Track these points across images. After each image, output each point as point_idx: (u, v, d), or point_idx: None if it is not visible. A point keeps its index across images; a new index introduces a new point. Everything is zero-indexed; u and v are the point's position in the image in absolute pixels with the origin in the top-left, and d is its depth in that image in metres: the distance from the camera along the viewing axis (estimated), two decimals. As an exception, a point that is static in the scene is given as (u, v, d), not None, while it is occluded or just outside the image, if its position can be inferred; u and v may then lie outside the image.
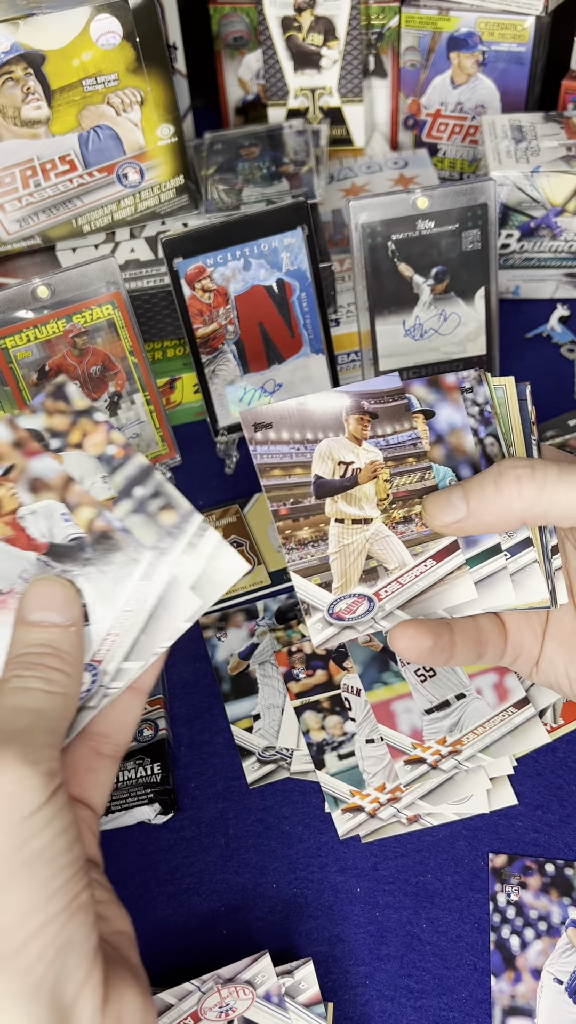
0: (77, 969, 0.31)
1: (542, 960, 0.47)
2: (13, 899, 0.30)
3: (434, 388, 0.45)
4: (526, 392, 0.47)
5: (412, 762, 0.53)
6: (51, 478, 0.38)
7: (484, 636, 0.46)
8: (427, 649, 0.44)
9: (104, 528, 0.37)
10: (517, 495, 0.40)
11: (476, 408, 0.46)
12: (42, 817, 0.31)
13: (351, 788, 0.53)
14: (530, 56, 0.80)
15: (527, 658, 0.47)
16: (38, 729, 0.33)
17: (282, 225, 0.62)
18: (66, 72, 0.66)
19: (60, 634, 0.36)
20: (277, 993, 0.46)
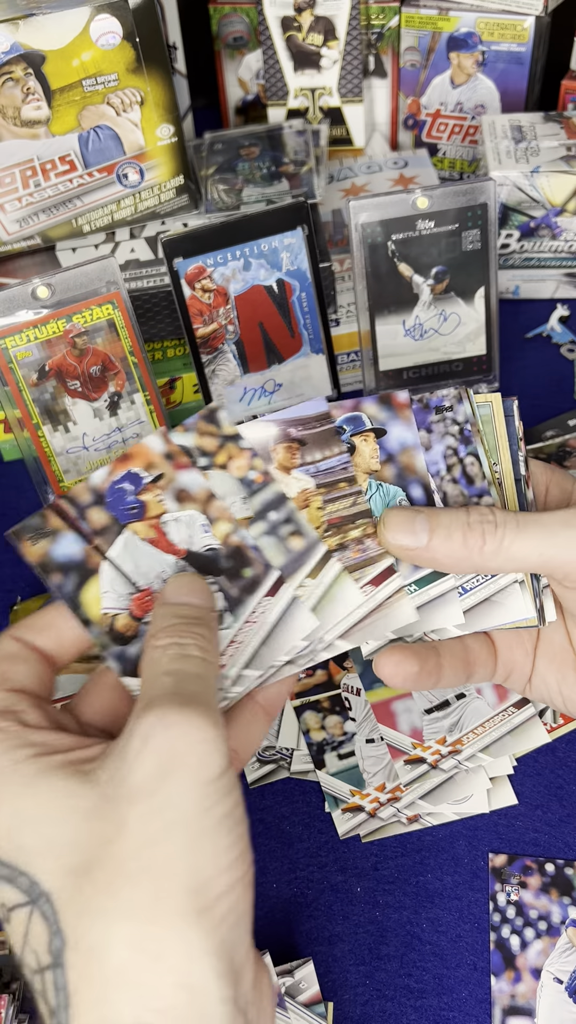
0: (244, 940, 0.32)
1: (542, 960, 0.48)
2: (204, 859, 0.31)
3: (385, 406, 0.45)
4: (513, 408, 0.46)
5: (412, 762, 0.53)
6: (195, 491, 0.41)
7: (472, 656, 0.46)
8: (413, 674, 0.44)
9: (238, 544, 0.40)
10: (479, 550, 0.41)
11: (456, 427, 0.45)
12: (225, 783, 0.32)
13: (351, 788, 0.53)
14: (530, 56, 0.80)
15: (519, 676, 0.48)
16: (209, 694, 0.34)
17: (282, 225, 0.62)
18: (66, 72, 0.66)
19: (205, 612, 0.38)
20: (277, 993, 0.46)
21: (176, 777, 0.31)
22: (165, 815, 0.31)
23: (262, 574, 0.40)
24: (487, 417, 0.46)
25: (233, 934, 0.31)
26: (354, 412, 0.44)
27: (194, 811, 0.31)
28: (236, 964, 0.31)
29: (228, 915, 0.31)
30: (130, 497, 0.40)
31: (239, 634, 0.40)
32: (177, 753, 0.32)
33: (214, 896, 0.31)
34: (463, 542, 0.41)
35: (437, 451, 0.45)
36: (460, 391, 0.45)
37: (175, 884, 0.30)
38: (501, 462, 0.46)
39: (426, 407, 0.46)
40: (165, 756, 0.32)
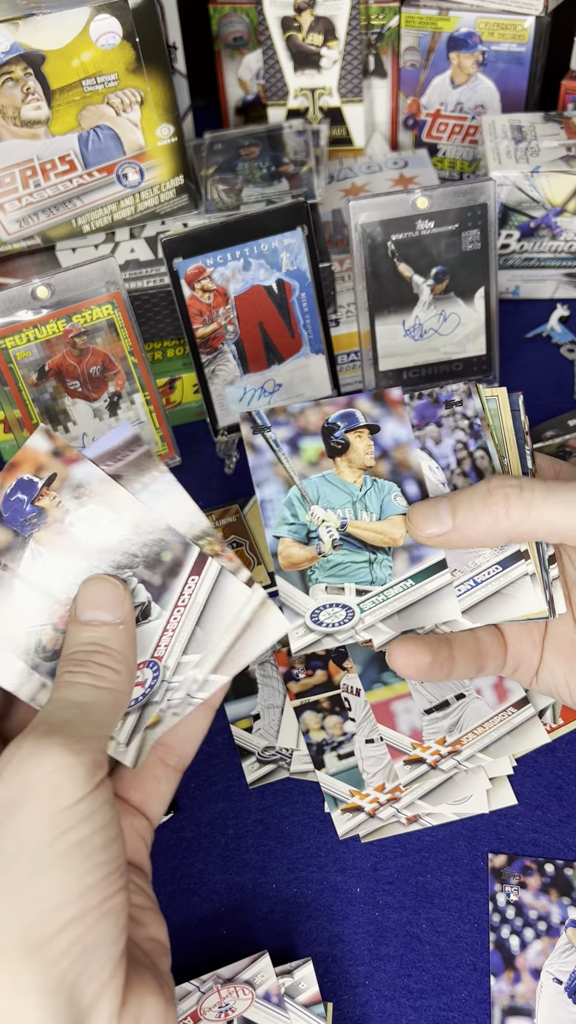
0: (100, 972, 0.31)
1: (542, 960, 0.47)
2: (45, 890, 0.30)
3: (379, 403, 0.45)
4: (519, 402, 0.47)
5: (412, 762, 0.53)
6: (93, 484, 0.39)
7: (484, 649, 0.46)
8: (426, 665, 0.44)
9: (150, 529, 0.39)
10: (504, 514, 0.40)
11: (466, 422, 0.46)
12: (82, 810, 0.31)
13: (351, 788, 0.53)
14: (530, 56, 0.80)
15: (527, 668, 0.47)
16: (83, 722, 0.34)
17: (282, 225, 0.62)
18: (66, 72, 0.66)
19: (109, 632, 0.37)
20: (276, 993, 0.46)
21: (24, 807, 0.31)
22: (7, 846, 0.30)
23: (182, 554, 0.39)
24: (494, 411, 0.46)
25: (79, 967, 0.30)
26: (348, 409, 0.44)
27: (39, 841, 0.30)
28: (83, 1000, 0.30)
29: (72, 947, 0.30)
30: (27, 507, 0.39)
31: (170, 622, 0.39)
32: (27, 783, 0.31)
33: (55, 929, 0.30)
34: (485, 509, 0.41)
35: (447, 445, 0.46)
36: (470, 386, 0.46)
37: (9, 919, 0.29)
38: (509, 456, 0.46)
39: (436, 402, 0.46)
40: (17, 786, 0.31)
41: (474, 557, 0.45)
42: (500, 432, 0.46)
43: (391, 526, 0.44)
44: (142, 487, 0.39)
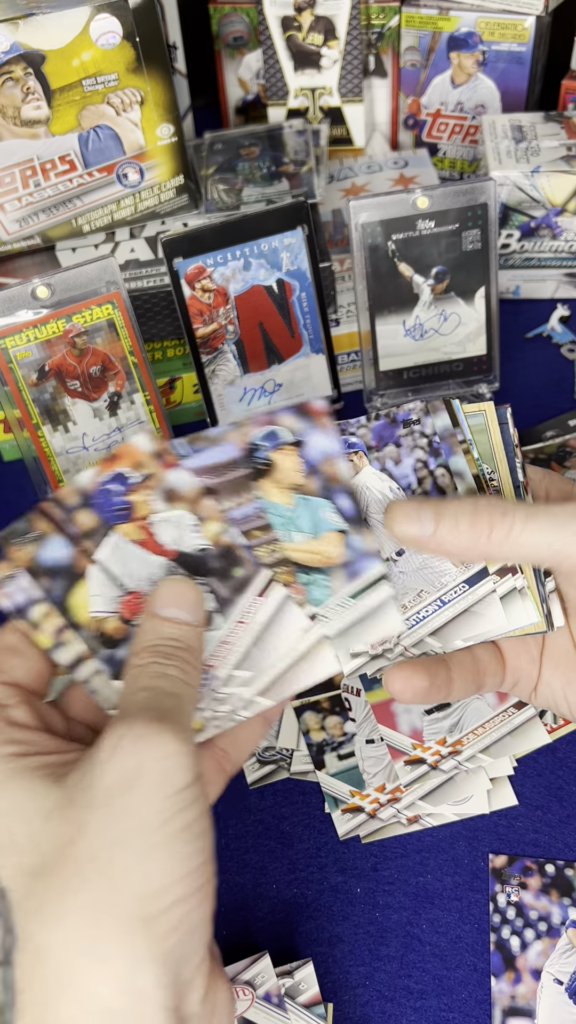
0: (195, 953, 0.32)
1: (542, 961, 0.47)
2: (156, 869, 0.31)
3: (303, 416, 0.42)
4: (507, 415, 0.46)
5: (412, 762, 0.53)
6: (185, 490, 0.40)
7: (482, 667, 0.46)
8: (423, 689, 0.44)
9: (228, 543, 0.40)
10: (486, 537, 0.40)
11: (424, 440, 0.45)
12: (187, 796, 0.32)
13: (351, 788, 0.53)
14: (530, 56, 0.80)
15: (526, 683, 0.48)
16: (181, 713, 0.35)
17: (282, 225, 0.62)
18: (66, 72, 0.66)
19: (190, 632, 0.38)
20: (277, 994, 0.46)
21: (138, 787, 0.32)
22: (123, 822, 0.31)
23: (252, 573, 0.40)
24: (481, 426, 0.46)
25: (183, 945, 0.31)
26: (270, 427, 0.42)
27: (153, 821, 0.32)
28: (183, 976, 0.31)
29: (179, 926, 0.31)
30: (117, 498, 0.40)
31: (230, 635, 0.40)
32: (142, 765, 0.32)
33: (165, 905, 0.31)
34: (470, 529, 0.40)
35: (407, 465, 0.45)
36: (426, 404, 0.45)
37: (126, 890, 0.30)
38: (498, 470, 0.46)
39: (393, 421, 0.45)
40: (131, 766, 0.32)
41: (440, 577, 0.44)
42: (488, 447, 0.46)
43: (326, 544, 0.42)
44: (232, 507, 0.40)
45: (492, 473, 0.46)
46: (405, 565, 0.45)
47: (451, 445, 0.45)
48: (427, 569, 0.44)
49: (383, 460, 0.45)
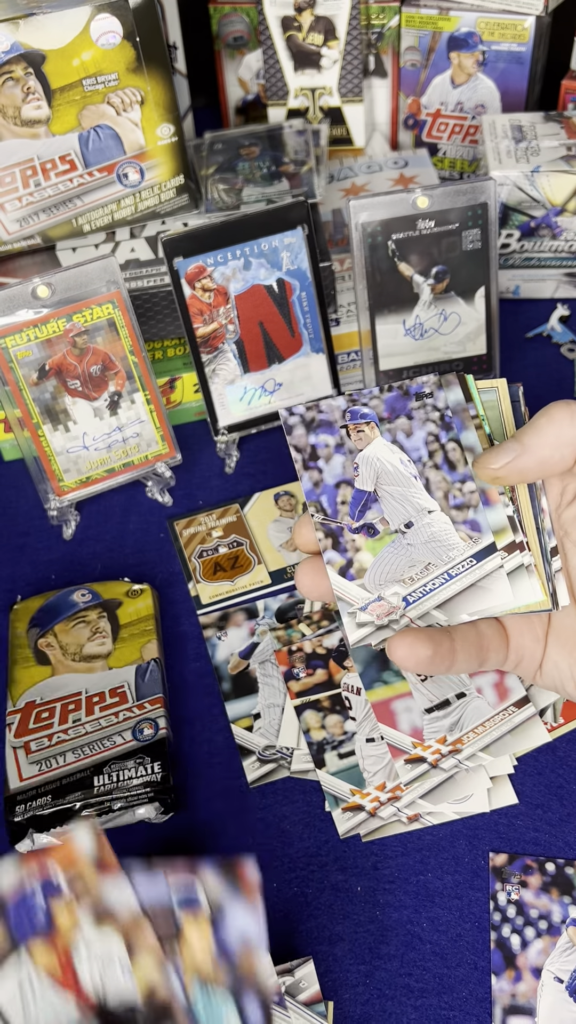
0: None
1: (543, 959, 0.47)
2: None
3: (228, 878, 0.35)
4: (519, 393, 0.46)
5: (412, 761, 0.53)
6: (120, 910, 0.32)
7: (485, 642, 0.46)
8: (426, 658, 0.43)
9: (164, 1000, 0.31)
10: (569, 422, 0.41)
11: (436, 413, 0.45)
12: None
13: (351, 787, 0.53)
14: (530, 56, 0.80)
15: (530, 662, 0.47)
16: None
17: (282, 225, 0.62)
18: (66, 72, 0.66)
19: None
20: (277, 992, 0.46)
21: None
22: None
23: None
24: (493, 403, 0.46)
25: None
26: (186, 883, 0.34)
27: None
28: None
29: None
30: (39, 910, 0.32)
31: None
32: None
33: None
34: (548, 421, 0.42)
35: (419, 437, 0.45)
36: (440, 378, 0.45)
37: None
38: None
39: (406, 394, 0.45)
40: None
41: (448, 550, 0.44)
42: (499, 424, 0.46)
43: None
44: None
45: None
46: (414, 537, 0.45)
47: (463, 420, 0.45)
48: (436, 542, 0.44)
49: (394, 432, 0.45)
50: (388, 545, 0.45)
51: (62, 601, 0.61)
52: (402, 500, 0.45)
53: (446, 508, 0.45)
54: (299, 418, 0.45)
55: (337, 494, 0.45)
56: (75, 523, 0.67)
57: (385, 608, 0.44)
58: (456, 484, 0.44)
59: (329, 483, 0.45)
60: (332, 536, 0.44)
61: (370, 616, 0.44)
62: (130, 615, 0.60)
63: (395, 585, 0.44)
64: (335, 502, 0.45)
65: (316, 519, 0.44)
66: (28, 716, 0.55)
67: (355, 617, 0.44)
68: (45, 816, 0.51)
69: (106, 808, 0.51)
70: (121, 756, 0.53)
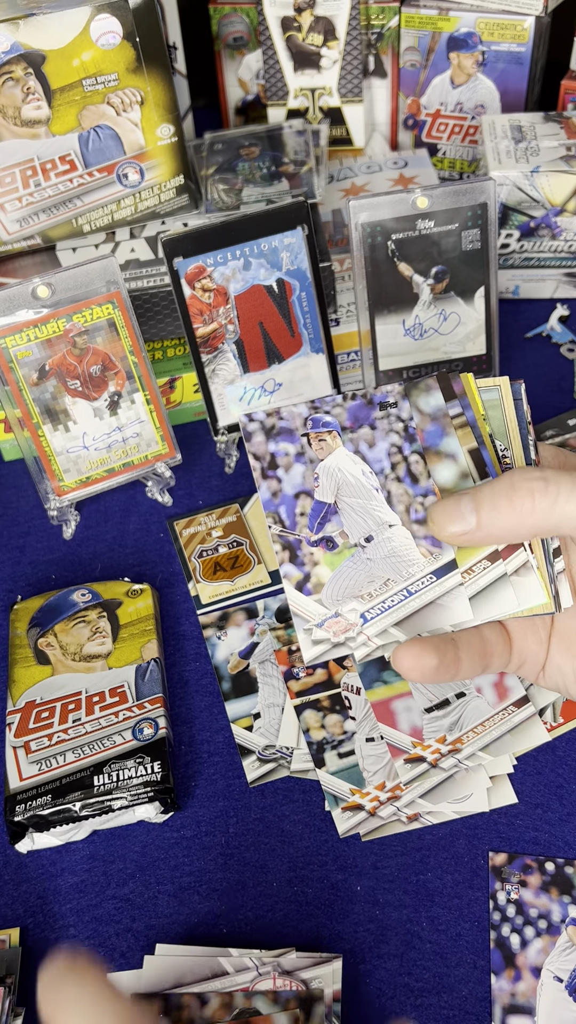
0: None
1: (542, 958, 0.48)
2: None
3: None
4: (521, 391, 0.45)
5: (412, 760, 0.53)
6: None
7: (489, 648, 0.46)
8: (432, 668, 0.43)
9: None
10: (530, 510, 0.39)
11: (400, 424, 0.44)
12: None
13: (351, 787, 0.53)
14: (530, 56, 0.80)
15: (533, 664, 0.47)
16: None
17: (282, 225, 0.62)
18: (66, 72, 0.67)
19: None
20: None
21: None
22: None
23: None
24: (495, 401, 0.45)
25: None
26: None
27: None
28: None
29: None
30: None
31: None
32: None
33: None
34: (510, 506, 0.39)
35: (381, 449, 0.44)
36: (404, 387, 0.44)
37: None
38: (512, 446, 0.45)
39: (370, 403, 0.44)
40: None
41: (408, 566, 0.44)
42: (501, 423, 0.45)
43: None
44: None
45: (505, 450, 0.45)
46: (373, 552, 0.44)
47: (443, 425, 0.44)
48: (395, 557, 0.43)
49: (357, 442, 0.44)
50: (347, 559, 0.44)
51: (62, 601, 0.61)
52: (363, 513, 0.44)
53: (407, 522, 0.43)
54: (259, 424, 0.44)
55: (296, 505, 0.43)
56: (75, 523, 0.67)
57: (342, 625, 0.43)
58: (418, 498, 0.43)
59: (288, 493, 0.43)
60: (290, 549, 0.43)
61: (326, 633, 0.43)
62: (130, 615, 0.60)
63: (353, 601, 0.43)
64: (294, 513, 0.43)
65: (273, 531, 0.43)
66: (28, 716, 0.55)
67: (311, 634, 0.43)
68: (45, 816, 0.51)
69: (106, 808, 0.52)
70: (121, 756, 0.53)
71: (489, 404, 0.45)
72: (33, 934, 0.50)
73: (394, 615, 0.44)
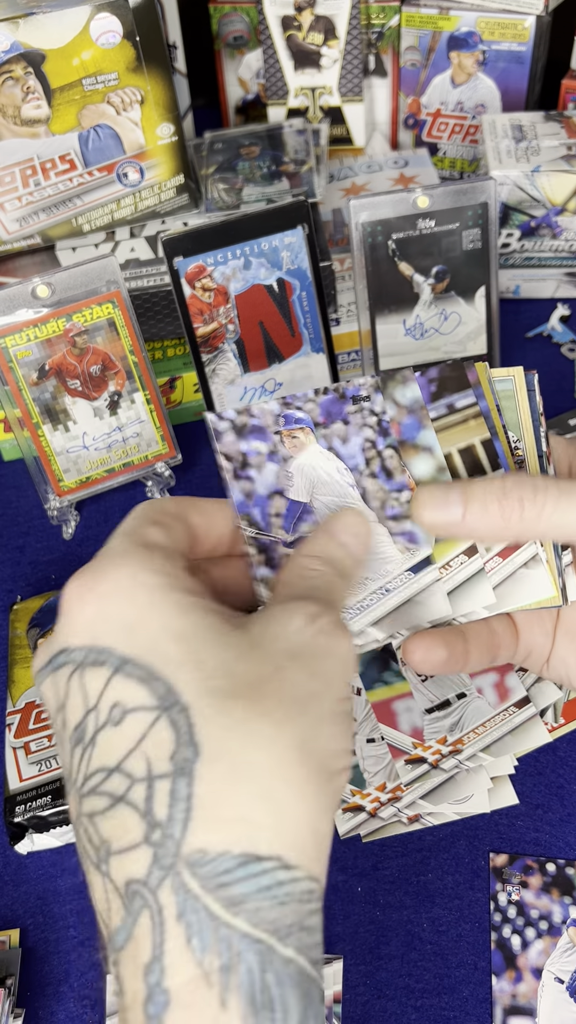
0: None
1: (543, 959, 0.47)
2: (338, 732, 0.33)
3: None
4: (534, 382, 0.45)
5: (413, 761, 0.53)
6: None
7: (497, 640, 0.46)
8: (442, 660, 0.43)
9: None
10: (517, 518, 0.40)
11: (374, 418, 0.43)
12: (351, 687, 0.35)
13: (352, 787, 0.53)
14: (530, 55, 0.80)
15: (538, 656, 0.47)
16: None
17: (282, 224, 0.62)
18: (66, 71, 0.66)
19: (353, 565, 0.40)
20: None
21: (330, 662, 0.33)
22: (318, 683, 0.32)
23: None
24: (509, 392, 0.44)
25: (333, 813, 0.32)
26: None
27: (337, 694, 0.33)
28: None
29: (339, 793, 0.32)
30: None
31: None
32: (334, 646, 0.34)
33: (339, 768, 0.32)
34: (499, 511, 0.40)
35: (355, 444, 0.43)
36: (377, 380, 0.43)
37: (319, 742, 0.31)
38: (524, 438, 0.44)
39: (342, 397, 0.43)
40: (323, 644, 0.33)
41: (383, 564, 0.43)
42: (516, 413, 0.44)
43: None
44: None
45: (517, 441, 0.44)
46: None
47: (420, 419, 0.43)
48: (372, 555, 0.43)
49: (330, 438, 0.43)
50: None
51: (62, 601, 0.60)
52: None
53: (383, 519, 0.43)
54: (229, 423, 0.42)
55: (269, 505, 0.42)
56: (75, 523, 0.67)
57: None
58: (393, 494, 0.43)
59: (261, 494, 0.42)
60: (264, 551, 0.42)
61: None
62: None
63: None
64: (267, 514, 0.42)
65: (247, 533, 0.42)
66: (28, 716, 0.55)
67: None
68: (45, 817, 0.51)
69: (106, 808, 0.51)
70: (121, 756, 0.53)
71: (503, 395, 0.45)
72: (33, 935, 0.50)
73: (371, 614, 0.43)
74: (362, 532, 0.40)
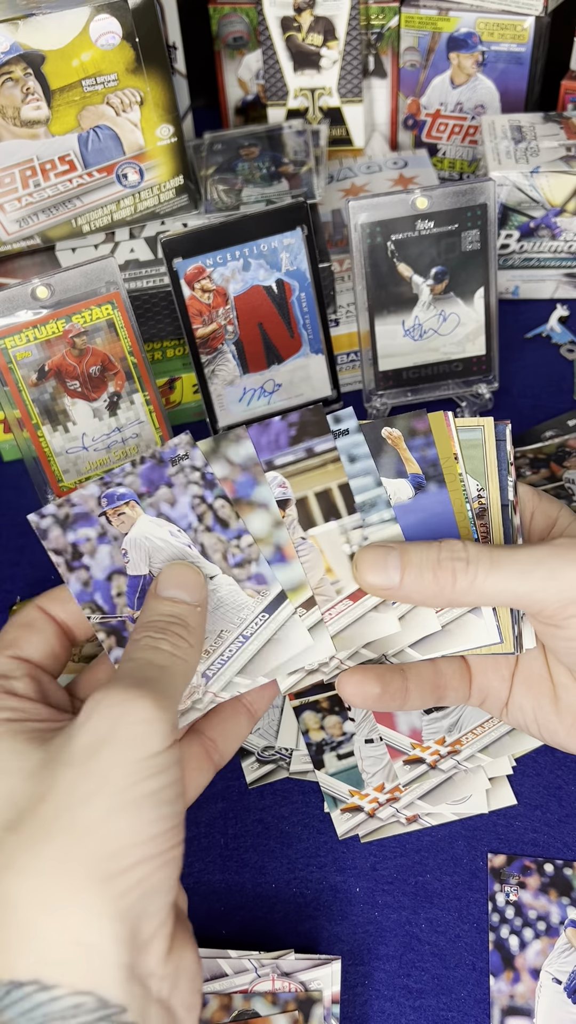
0: (156, 914, 0.33)
1: (541, 960, 0.48)
2: (120, 829, 0.32)
3: None
4: (505, 432, 0.45)
5: (411, 762, 0.53)
6: None
7: (443, 680, 0.46)
8: (374, 696, 0.44)
9: None
10: (450, 586, 0.41)
11: (196, 473, 0.43)
12: (159, 762, 0.33)
13: (350, 788, 0.53)
14: (530, 56, 0.80)
15: (495, 701, 0.48)
16: (167, 684, 0.36)
17: (282, 225, 0.62)
18: (66, 72, 0.66)
19: (187, 610, 0.39)
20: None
21: (110, 749, 0.33)
22: (92, 782, 0.32)
23: None
24: (477, 441, 0.45)
25: (142, 904, 0.32)
26: None
27: (118, 784, 0.33)
28: (142, 934, 0.32)
29: (138, 885, 0.32)
30: None
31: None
32: (115, 728, 0.33)
33: (126, 865, 0.32)
34: (434, 579, 0.41)
35: (184, 503, 0.43)
36: (190, 437, 0.43)
37: (88, 847, 0.32)
38: (488, 488, 0.45)
39: (160, 462, 0.43)
40: (104, 729, 0.33)
41: (238, 612, 0.43)
42: (482, 464, 0.45)
43: None
44: None
45: (481, 490, 0.45)
46: None
47: (254, 475, 0.43)
48: (223, 608, 0.43)
49: (157, 505, 0.43)
50: None
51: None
52: None
53: (227, 569, 0.43)
54: (52, 518, 0.42)
55: (111, 587, 0.42)
56: (74, 524, 0.67)
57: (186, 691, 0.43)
58: (232, 542, 0.43)
59: (100, 578, 0.42)
60: (115, 633, 0.42)
61: None
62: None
63: None
64: (110, 597, 0.42)
65: (93, 620, 0.42)
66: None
67: None
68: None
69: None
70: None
71: (470, 443, 0.45)
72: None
73: (234, 664, 0.43)
74: (187, 578, 0.40)
